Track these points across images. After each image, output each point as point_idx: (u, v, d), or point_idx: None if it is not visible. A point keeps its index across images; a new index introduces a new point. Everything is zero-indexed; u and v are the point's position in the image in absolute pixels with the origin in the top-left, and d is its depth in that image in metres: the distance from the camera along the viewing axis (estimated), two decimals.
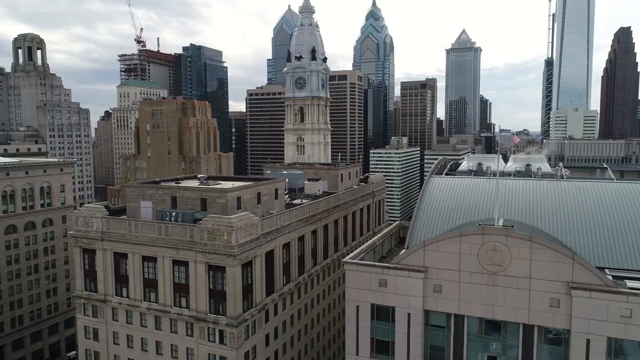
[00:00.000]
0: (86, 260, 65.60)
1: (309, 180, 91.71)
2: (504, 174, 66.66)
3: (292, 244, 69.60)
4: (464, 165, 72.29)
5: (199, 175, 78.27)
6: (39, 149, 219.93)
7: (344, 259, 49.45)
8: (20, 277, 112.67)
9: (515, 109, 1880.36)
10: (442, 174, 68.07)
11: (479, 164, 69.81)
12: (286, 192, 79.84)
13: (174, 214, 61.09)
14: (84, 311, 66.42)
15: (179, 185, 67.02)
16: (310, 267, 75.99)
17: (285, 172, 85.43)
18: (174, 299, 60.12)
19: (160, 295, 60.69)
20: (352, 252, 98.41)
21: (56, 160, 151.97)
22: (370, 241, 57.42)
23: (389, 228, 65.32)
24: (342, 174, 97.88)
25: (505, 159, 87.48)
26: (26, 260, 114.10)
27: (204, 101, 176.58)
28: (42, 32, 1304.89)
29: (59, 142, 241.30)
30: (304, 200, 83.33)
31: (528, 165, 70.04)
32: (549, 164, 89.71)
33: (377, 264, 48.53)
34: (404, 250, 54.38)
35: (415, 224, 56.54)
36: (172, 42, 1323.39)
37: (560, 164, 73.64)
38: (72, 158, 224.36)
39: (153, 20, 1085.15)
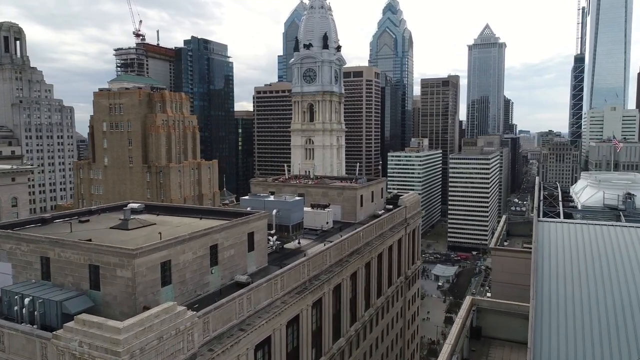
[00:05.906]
0: None
1: (312, 207, 60.52)
2: None
3: (276, 338, 38.29)
4: (592, 196, 39.34)
5: (129, 204, 47.21)
6: (13, 151, 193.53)
7: None
8: None
9: (532, 110, 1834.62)
10: (556, 214, 35.97)
11: (629, 195, 36.83)
12: (273, 232, 48.67)
13: (26, 300, 30.17)
14: None
15: (57, 238, 35.62)
16: None
17: (272, 197, 53.78)
18: None
19: None
20: (377, 312, 67.31)
21: (8, 167, 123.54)
22: None
23: (459, 321, 33.64)
24: (361, 195, 66.87)
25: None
26: None
27: (179, 93, 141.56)
28: (57, 34, 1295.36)
29: (37, 144, 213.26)
30: (302, 242, 52.44)
31: None
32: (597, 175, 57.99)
33: None
34: None
35: (541, 336, 24.84)
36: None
37: None
38: (31, 164, 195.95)
39: (165, 21, 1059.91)
